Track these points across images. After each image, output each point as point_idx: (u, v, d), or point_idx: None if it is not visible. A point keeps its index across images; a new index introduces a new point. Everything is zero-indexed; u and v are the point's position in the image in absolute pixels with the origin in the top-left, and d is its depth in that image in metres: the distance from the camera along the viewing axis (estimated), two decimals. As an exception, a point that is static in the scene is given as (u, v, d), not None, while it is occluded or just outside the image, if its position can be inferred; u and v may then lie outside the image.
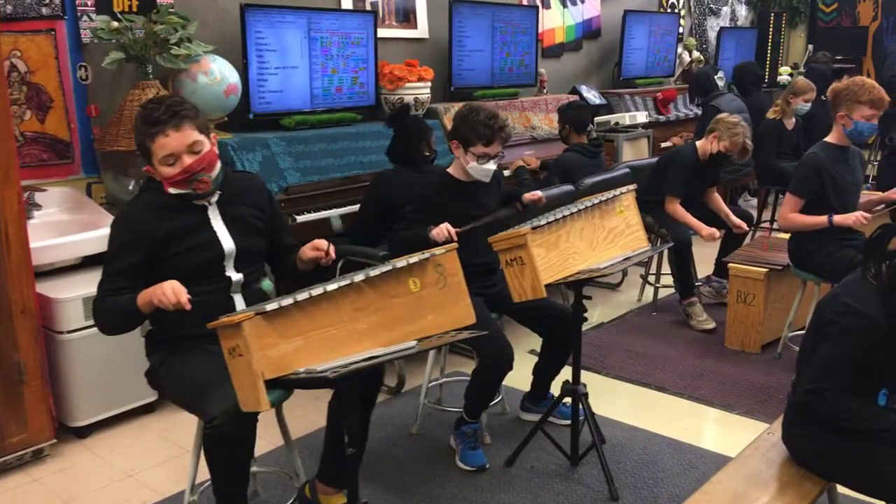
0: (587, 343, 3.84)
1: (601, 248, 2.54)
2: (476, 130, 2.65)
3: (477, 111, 2.69)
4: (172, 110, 1.98)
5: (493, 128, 2.65)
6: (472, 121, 2.67)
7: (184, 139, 1.98)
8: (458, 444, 2.74)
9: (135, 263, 2.02)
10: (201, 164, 2.01)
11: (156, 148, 1.99)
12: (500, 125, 2.68)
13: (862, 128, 3.10)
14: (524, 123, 5.08)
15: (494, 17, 4.93)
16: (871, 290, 1.89)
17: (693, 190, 4.15)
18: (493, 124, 2.66)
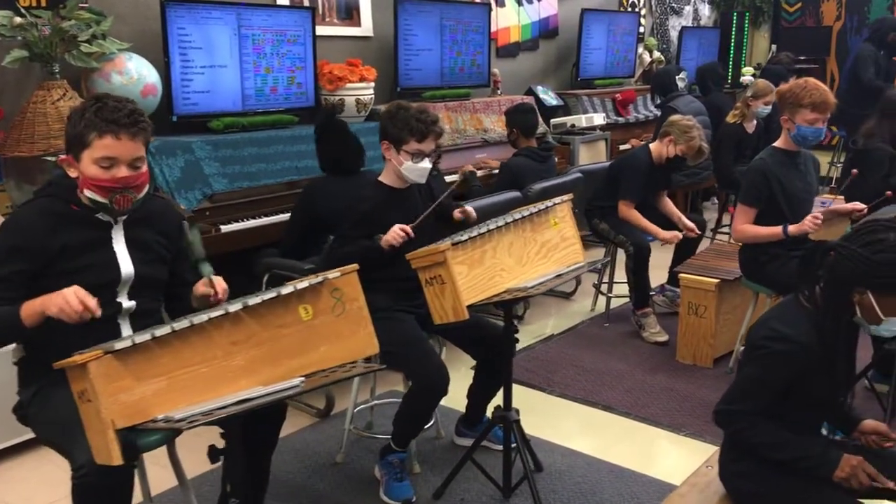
0: (534, 358, 3.67)
1: (533, 263, 2.35)
2: (408, 126, 2.46)
3: (406, 107, 2.51)
4: (135, 118, 1.84)
5: (425, 122, 2.47)
6: (402, 117, 2.47)
7: (132, 150, 1.83)
8: (383, 475, 2.53)
9: (20, 271, 1.79)
10: (136, 181, 1.84)
11: (99, 145, 1.80)
12: (432, 119, 2.49)
13: (805, 132, 2.94)
14: (476, 125, 4.89)
15: (443, 14, 4.73)
16: (802, 314, 1.72)
17: (647, 194, 3.99)
18: (424, 118, 2.47)
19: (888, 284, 1.63)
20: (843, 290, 1.68)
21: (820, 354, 1.71)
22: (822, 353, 1.71)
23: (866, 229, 1.69)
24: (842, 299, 1.69)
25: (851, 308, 1.70)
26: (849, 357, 1.83)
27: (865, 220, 1.77)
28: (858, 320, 1.72)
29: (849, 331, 1.77)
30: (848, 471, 1.71)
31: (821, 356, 1.71)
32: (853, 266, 1.65)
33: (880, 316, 1.67)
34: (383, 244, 2.41)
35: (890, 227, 1.67)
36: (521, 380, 3.42)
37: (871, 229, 1.68)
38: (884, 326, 1.69)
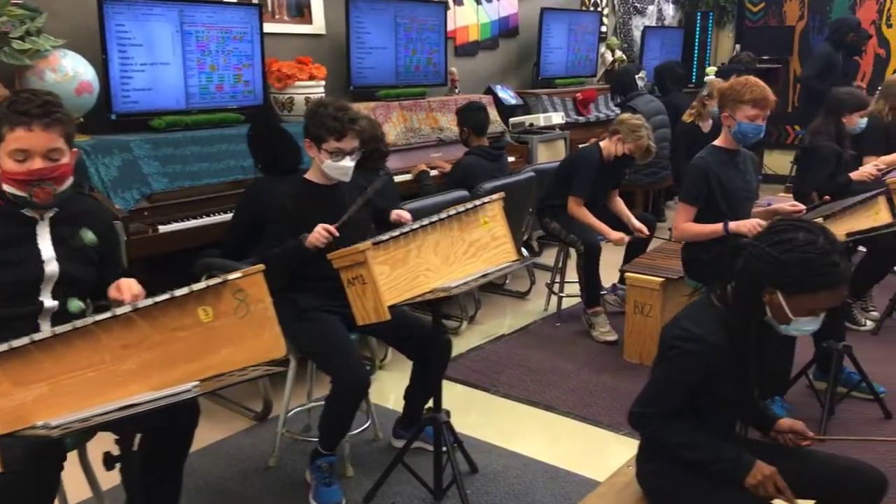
0: (482, 358, 3.65)
1: (460, 263, 2.32)
2: (325, 125, 2.43)
3: (325, 105, 2.47)
4: (48, 108, 1.80)
5: (342, 120, 2.43)
6: (321, 115, 2.44)
7: (47, 141, 1.79)
8: (312, 479, 2.49)
9: None
10: (52, 173, 1.81)
11: (11, 138, 1.77)
12: (350, 117, 2.46)
13: (745, 129, 2.94)
14: (431, 124, 4.86)
15: (397, 13, 4.69)
16: (714, 314, 1.71)
17: (597, 192, 3.99)
18: (342, 116, 2.44)
19: (796, 284, 1.62)
20: (753, 289, 1.67)
21: (731, 354, 1.70)
22: (733, 352, 1.69)
23: (776, 228, 1.68)
24: (752, 299, 1.68)
25: (762, 308, 1.69)
26: (761, 356, 1.82)
27: (778, 218, 1.75)
28: (769, 320, 1.71)
29: (760, 330, 1.76)
30: (759, 479, 1.70)
31: (731, 356, 1.70)
32: (762, 266, 1.64)
33: (789, 315, 1.66)
34: (307, 244, 2.37)
35: (799, 226, 1.66)
36: (466, 380, 3.41)
37: (781, 228, 1.67)
38: (793, 326, 1.68)
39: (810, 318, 1.67)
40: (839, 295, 1.64)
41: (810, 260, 1.60)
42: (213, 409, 3.14)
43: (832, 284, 1.61)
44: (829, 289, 1.61)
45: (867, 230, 2.80)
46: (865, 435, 2.86)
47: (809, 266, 1.60)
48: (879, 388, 3.13)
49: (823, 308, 1.66)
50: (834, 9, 7.65)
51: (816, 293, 1.62)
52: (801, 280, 1.61)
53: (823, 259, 1.59)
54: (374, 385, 3.32)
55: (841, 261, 1.61)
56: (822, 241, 1.61)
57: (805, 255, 1.60)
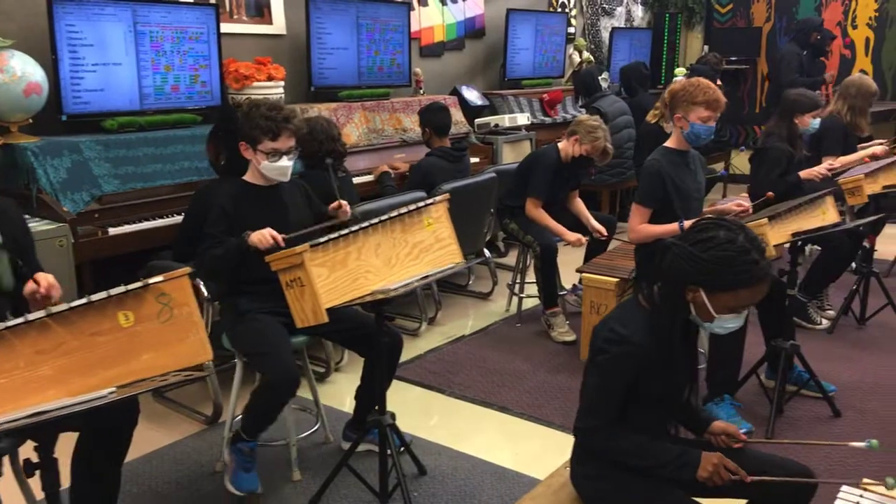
0: (440, 360, 3.64)
1: (403, 265, 2.31)
2: (259, 125, 2.42)
3: (258, 105, 2.46)
4: None
5: (275, 119, 2.42)
6: (254, 116, 2.43)
7: None
8: (231, 461, 2.47)
9: None
10: None
11: None
12: (283, 116, 2.45)
13: (698, 130, 2.95)
14: (395, 125, 4.85)
15: (359, 13, 4.68)
16: (641, 314, 1.72)
17: (556, 193, 3.99)
18: (275, 116, 2.43)
19: (717, 282, 1.63)
20: (677, 288, 1.68)
21: (658, 354, 1.70)
22: (660, 352, 1.70)
23: (697, 227, 1.69)
24: (676, 298, 1.69)
25: (686, 306, 1.70)
26: (688, 356, 1.83)
27: (702, 217, 1.76)
28: (694, 318, 1.71)
29: (686, 329, 1.77)
30: (710, 469, 1.70)
31: (659, 355, 1.70)
32: (685, 264, 1.65)
33: (712, 313, 1.66)
34: (250, 241, 2.36)
35: (721, 224, 1.67)
36: (422, 381, 3.40)
37: (703, 227, 1.68)
38: (716, 324, 1.69)
39: (733, 316, 1.68)
40: (759, 292, 1.65)
41: (730, 258, 1.61)
42: (164, 414, 3.10)
43: (752, 282, 1.62)
44: (749, 286, 1.62)
45: (814, 230, 2.82)
46: (811, 433, 2.88)
47: (729, 264, 1.61)
48: (830, 387, 3.16)
49: (745, 305, 1.67)
50: (800, 10, 7.73)
51: (737, 290, 1.63)
52: (721, 278, 1.62)
53: (743, 257, 1.61)
54: (328, 387, 3.33)
55: (760, 258, 1.62)
56: (742, 239, 1.62)
57: (725, 253, 1.61)
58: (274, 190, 2.56)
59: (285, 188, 2.57)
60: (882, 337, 3.83)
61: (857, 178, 3.59)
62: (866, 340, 3.80)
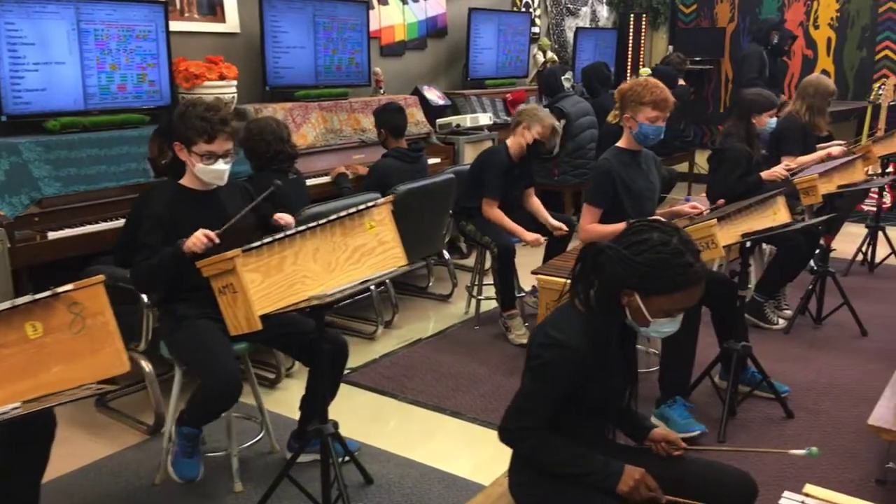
0: (394, 364, 3.58)
1: (343, 269, 2.25)
2: (194, 126, 2.34)
3: (194, 105, 2.38)
4: None
5: (211, 121, 2.34)
6: (189, 116, 2.35)
7: None
8: (175, 445, 2.43)
9: None
10: None
11: None
12: (220, 118, 2.36)
13: (646, 130, 2.93)
14: (353, 126, 4.78)
15: (316, 11, 4.60)
16: (576, 318, 1.67)
17: (510, 192, 3.96)
18: (212, 117, 2.34)
19: (651, 285, 1.59)
20: (612, 292, 1.64)
21: (595, 359, 1.66)
22: (596, 357, 1.66)
23: (631, 230, 1.65)
24: (611, 302, 1.65)
25: (621, 310, 1.66)
26: (627, 361, 1.79)
27: (637, 220, 1.72)
28: (629, 323, 1.68)
29: (624, 334, 1.73)
30: (631, 484, 1.67)
31: (595, 361, 1.66)
32: (619, 268, 1.61)
33: (647, 317, 1.63)
34: (185, 248, 2.28)
35: (653, 226, 1.63)
36: (374, 387, 3.34)
37: (637, 230, 1.64)
38: (652, 328, 1.65)
39: (668, 320, 1.64)
40: (694, 295, 1.62)
41: (664, 260, 1.57)
42: (105, 424, 3.01)
43: (686, 284, 1.59)
44: (684, 289, 1.59)
45: (763, 230, 2.80)
46: (764, 435, 2.87)
47: (663, 266, 1.57)
48: (783, 388, 3.15)
49: (680, 309, 1.64)
50: (763, 10, 7.77)
51: (671, 294, 1.59)
52: (655, 281, 1.58)
53: (676, 259, 1.57)
54: (278, 393, 3.25)
55: (695, 261, 1.59)
56: (676, 241, 1.59)
57: (659, 255, 1.58)
58: (212, 194, 2.48)
59: (225, 192, 2.50)
60: (837, 337, 3.84)
61: (811, 178, 3.59)
62: (822, 340, 3.80)
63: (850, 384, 3.30)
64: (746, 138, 3.85)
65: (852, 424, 2.92)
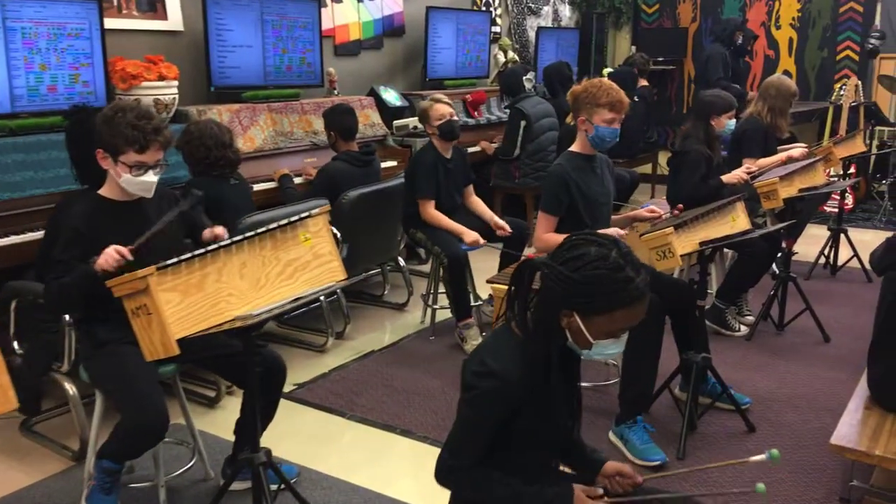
0: (344, 378, 3.42)
1: (273, 286, 2.09)
2: (124, 134, 2.14)
3: (124, 110, 2.18)
4: None
5: (144, 130, 2.15)
6: (118, 123, 2.15)
7: None
8: (92, 476, 2.23)
9: None
10: None
11: None
12: (153, 127, 2.18)
13: (603, 133, 2.81)
14: (305, 128, 4.60)
15: (264, 9, 4.41)
16: (514, 344, 1.53)
17: (448, 191, 3.84)
18: (144, 125, 2.16)
19: (591, 304, 1.46)
20: (550, 313, 1.50)
21: (534, 388, 1.52)
22: (536, 386, 1.52)
23: (567, 244, 1.51)
24: (550, 323, 1.51)
25: (561, 333, 1.52)
26: (569, 389, 1.65)
27: (575, 233, 1.58)
28: (570, 346, 1.54)
29: (565, 359, 1.59)
30: None
31: (535, 389, 1.52)
32: (555, 286, 1.47)
33: (589, 339, 1.49)
34: (97, 267, 2.09)
35: (591, 240, 1.49)
36: (321, 404, 3.17)
37: (573, 244, 1.50)
38: (594, 350, 1.52)
39: (612, 341, 1.51)
40: (637, 313, 1.49)
41: (602, 277, 1.43)
42: (28, 449, 2.81)
43: (628, 301, 1.45)
44: (625, 306, 1.45)
45: (722, 238, 2.70)
46: (725, 450, 2.76)
47: (602, 283, 1.43)
48: (744, 399, 3.05)
49: (623, 328, 1.51)
50: (725, 10, 7.74)
51: (612, 313, 1.46)
52: (594, 299, 1.45)
53: (616, 275, 1.44)
54: (217, 413, 3.07)
55: (636, 275, 1.45)
56: (615, 255, 1.45)
57: (597, 271, 1.44)
58: (136, 205, 2.28)
59: (150, 202, 2.31)
60: (800, 343, 3.76)
61: (771, 182, 3.50)
62: (784, 347, 3.72)
63: (813, 394, 3.22)
64: (706, 140, 3.76)
65: (815, 437, 2.82)
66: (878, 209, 6.40)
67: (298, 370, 3.50)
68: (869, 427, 2.27)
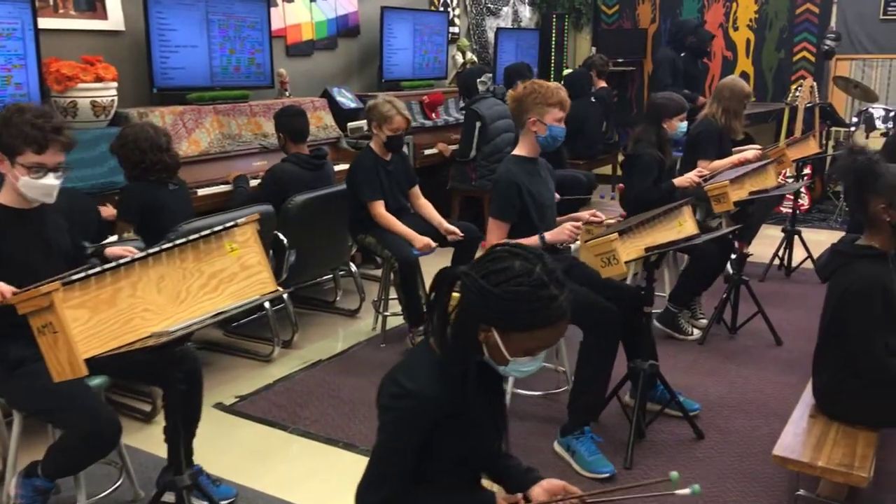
0: (289, 390, 3.32)
1: (196, 299, 1.99)
2: (22, 134, 2.04)
3: (22, 110, 2.07)
4: None
5: (43, 129, 2.05)
6: (16, 122, 2.04)
7: None
8: (18, 494, 2.12)
9: None
10: None
11: None
12: (54, 126, 2.07)
13: (556, 132, 2.77)
14: (254, 130, 4.48)
15: (209, 8, 4.29)
16: (431, 361, 1.46)
17: (393, 193, 3.77)
18: (43, 124, 2.05)
19: (511, 321, 1.39)
20: (468, 327, 1.43)
21: (453, 407, 1.44)
22: (455, 405, 1.44)
23: (491, 255, 1.44)
24: (468, 339, 1.43)
25: (479, 348, 1.45)
26: (493, 407, 1.57)
27: (496, 245, 1.51)
28: (488, 360, 1.47)
29: (489, 373, 1.51)
30: None
31: (456, 406, 1.45)
32: (476, 300, 1.40)
33: (506, 356, 1.42)
34: None
35: (517, 253, 1.42)
36: (264, 417, 3.07)
37: (497, 256, 1.43)
38: (511, 367, 1.45)
39: (529, 359, 1.44)
40: (558, 332, 1.42)
41: (523, 293, 1.36)
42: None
43: (549, 320, 1.38)
44: (546, 325, 1.39)
45: (667, 244, 2.65)
46: (674, 458, 2.72)
47: (523, 300, 1.36)
48: (694, 406, 3.02)
49: (543, 347, 1.44)
50: (684, 12, 7.75)
51: (532, 331, 1.39)
52: (514, 316, 1.38)
53: (539, 292, 1.37)
54: (153, 429, 2.95)
55: (559, 293, 1.39)
56: (539, 270, 1.38)
57: (519, 287, 1.37)
58: (35, 213, 2.17)
59: (50, 210, 2.19)
60: (752, 346, 3.74)
61: (721, 185, 3.47)
62: (737, 351, 3.70)
63: (763, 398, 3.19)
64: (658, 143, 3.73)
65: (763, 445, 2.79)
66: (834, 209, 6.45)
67: (242, 381, 3.39)
68: (813, 436, 2.23)
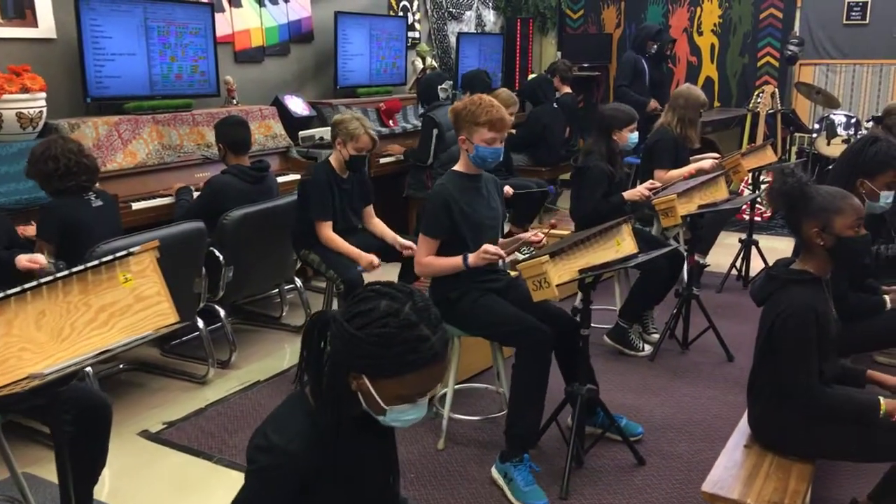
0: (221, 415, 3.19)
1: (82, 335, 1.85)
2: None
3: None
4: None
5: None
6: None
7: None
8: None
9: None
10: None
11: None
12: None
13: (484, 153, 2.65)
14: (197, 140, 4.34)
15: (147, 14, 4.14)
16: (304, 412, 1.35)
17: (345, 211, 3.64)
18: None
19: (378, 367, 1.28)
20: (338, 376, 1.32)
21: (326, 460, 1.33)
22: (328, 461, 1.33)
23: (359, 297, 1.33)
24: (340, 388, 1.32)
25: (353, 397, 1.33)
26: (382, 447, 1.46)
27: (370, 284, 1.40)
28: (367, 411, 1.35)
29: (366, 426, 1.39)
30: None
31: (337, 457, 1.33)
32: (339, 345, 1.29)
33: (381, 405, 1.31)
34: None
35: (384, 293, 1.31)
36: (188, 446, 2.93)
37: (363, 297, 1.32)
38: (390, 417, 1.34)
39: (409, 406, 1.33)
40: (433, 376, 1.32)
41: (390, 336, 1.26)
42: None
43: (419, 364, 1.27)
44: (416, 369, 1.28)
45: (602, 265, 2.55)
46: (612, 486, 2.62)
47: (389, 343, 1.26)
48: (637, 430, 2.92)
49: (420, 393, 1.33)
50: (649, 17, 7.69)
51: (402, 376, 1.28)
52: (380, 361, 1.27)
53: (405, 333, 1.26)
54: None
55: (431, 333, 1.28)
56: (409, 309, 1.28)
57: (384, 330, 1.26)
58: None
59: None
60: (703, 363, 3.66)
61: (669, 199, 3.38)
62: (687, 367, 3.61)
63: (709, 420, 3.10)
64: (608, 155, 3.63)
65: (705, 471, 2.65)
66: (796, 216, 6.39)
67: (173, 405, 3.26)
68: (745, 469, 2.14)
